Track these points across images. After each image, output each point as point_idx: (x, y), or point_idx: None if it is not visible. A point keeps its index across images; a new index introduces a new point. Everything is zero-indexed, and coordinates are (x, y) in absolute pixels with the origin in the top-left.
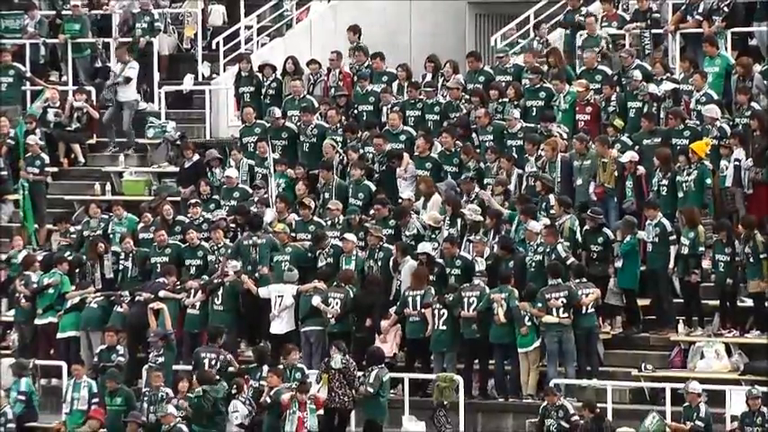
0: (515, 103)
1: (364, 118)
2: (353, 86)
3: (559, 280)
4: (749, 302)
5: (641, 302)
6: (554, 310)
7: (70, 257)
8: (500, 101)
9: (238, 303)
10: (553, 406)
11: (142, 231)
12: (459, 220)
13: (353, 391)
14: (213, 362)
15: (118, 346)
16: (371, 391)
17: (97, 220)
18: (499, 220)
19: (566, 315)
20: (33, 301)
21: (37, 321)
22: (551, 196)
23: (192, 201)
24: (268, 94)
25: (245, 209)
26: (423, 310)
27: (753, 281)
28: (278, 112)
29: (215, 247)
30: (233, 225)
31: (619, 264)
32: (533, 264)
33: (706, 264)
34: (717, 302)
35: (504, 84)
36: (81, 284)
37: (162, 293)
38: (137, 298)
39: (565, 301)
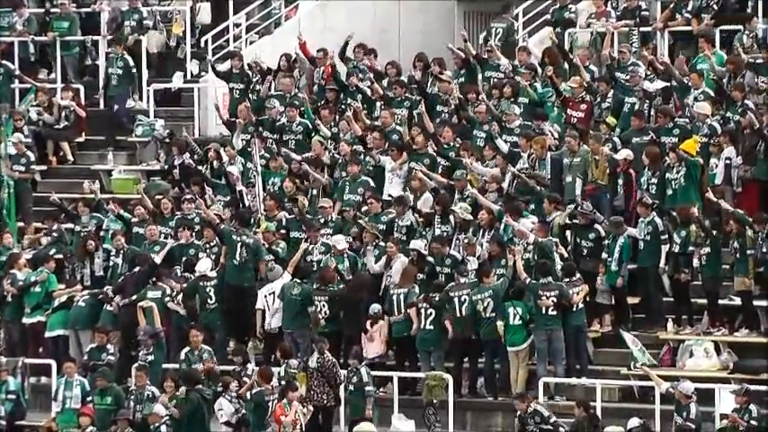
0: (512, 99)
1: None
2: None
3: (550, 278)
4: (737, 301)
5: (630, 301)
6: (544, 308)
7: (57, 255)
8: (499, 98)
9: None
10: (526, 413)
11: (136, 225)
12: (451, 218)
13: (334, 390)
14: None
15: (108, 345)
16: (372, 389)
17: (88, 216)
18: (494, 217)
19: (554, 313)
20: (20, 300)
21: (25, 320)
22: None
23: (187, 196)
24: (255, 89)
25: (238, 201)
26: (407, 310)
27: (738, 278)
28: (277, 103)
29: (207, 245)
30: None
31: (616, 267)
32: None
33: (696, 262)
34: (706, 301)
35: (502, 81)
36: (69, 282)
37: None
38: (123, 301)
39: (555, 300)
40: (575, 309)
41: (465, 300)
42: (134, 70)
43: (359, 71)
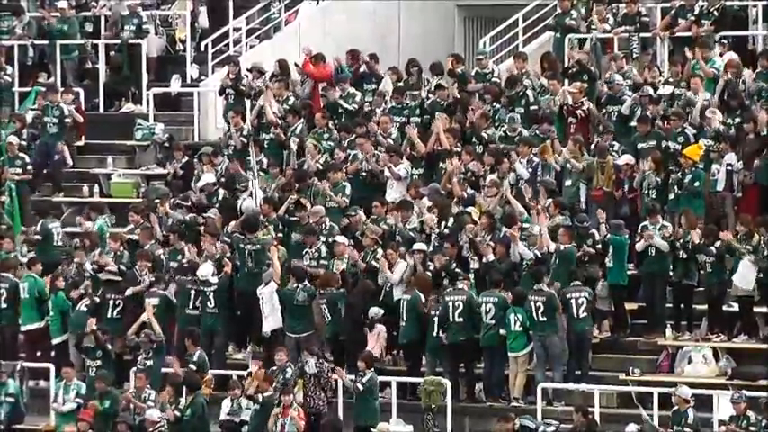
0: (510, 108)
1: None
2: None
3: (542, 285)
4: (736, 307)
5: (628, 307)
6: (534, 312)
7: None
8: (493, 104)
9: (232, 305)
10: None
11: (130, 233)
12: (443, 223)
13: (327, 396)
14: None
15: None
16: (360, 387)
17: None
18: (493, 220)
19: (545, 319)
20: (14, 305)
21: (23, 328)
22: (549, 200)
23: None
24: (250, 95)
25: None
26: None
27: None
28: (276, 107)
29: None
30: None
31: (608, 261)
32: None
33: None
34: (704, 306)
35: (497, 88)
36: (68, 285)
37: (129, 291)
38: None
39: (542, 306)
40: (579, 315)
41: (459, 305)
42: (68, 120)
43: (350, 74)
